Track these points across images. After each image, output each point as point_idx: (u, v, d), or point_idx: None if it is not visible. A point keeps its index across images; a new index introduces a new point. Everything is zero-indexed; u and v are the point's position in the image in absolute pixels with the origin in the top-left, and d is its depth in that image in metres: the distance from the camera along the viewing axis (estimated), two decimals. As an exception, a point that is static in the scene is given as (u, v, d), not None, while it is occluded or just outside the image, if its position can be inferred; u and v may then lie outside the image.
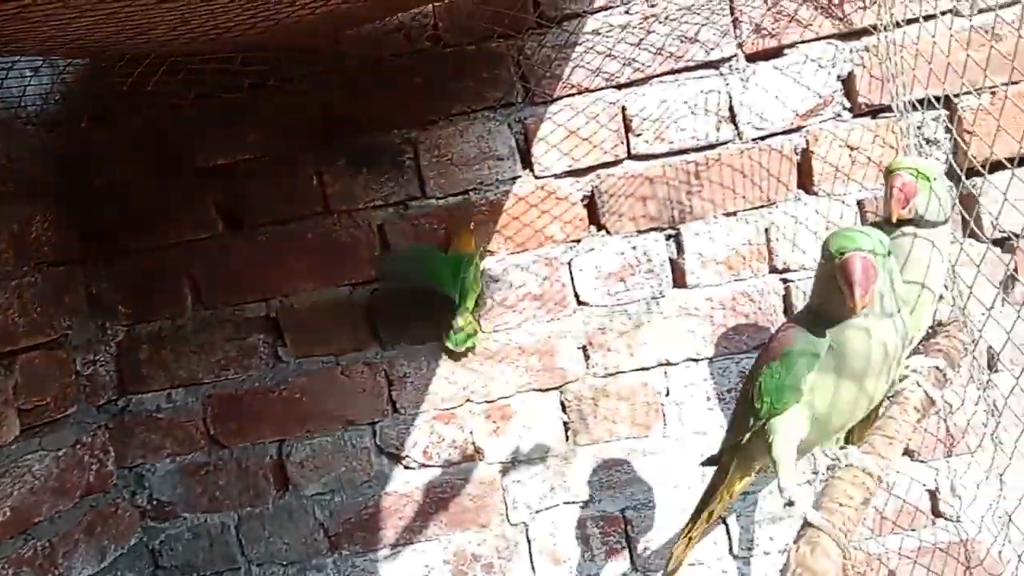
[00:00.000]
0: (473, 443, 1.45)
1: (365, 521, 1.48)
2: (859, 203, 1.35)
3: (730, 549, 1.43)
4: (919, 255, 0.99)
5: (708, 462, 1.15)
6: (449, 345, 1.39)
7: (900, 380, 1.04)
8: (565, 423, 1.44)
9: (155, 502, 1.51)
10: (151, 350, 1.48)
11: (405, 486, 1.47)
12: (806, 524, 0.81)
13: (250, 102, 1.40)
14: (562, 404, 1.44)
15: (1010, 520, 1.19)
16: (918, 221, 0.98)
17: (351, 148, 1.41)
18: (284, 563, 1.51)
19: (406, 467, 1.47)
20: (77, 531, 1.37)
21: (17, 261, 1.34)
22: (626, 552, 1.45)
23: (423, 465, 1.47)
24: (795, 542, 0.76)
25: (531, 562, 1.47)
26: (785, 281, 1.37)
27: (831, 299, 0.88)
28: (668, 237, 1.40)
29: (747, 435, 0.98)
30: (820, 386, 0.89)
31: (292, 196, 1.42)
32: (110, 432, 1.49)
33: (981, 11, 1.25)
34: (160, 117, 1.42)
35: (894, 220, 0.99)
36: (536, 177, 1.40)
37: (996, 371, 1.34)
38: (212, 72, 1.25)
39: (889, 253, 0.86)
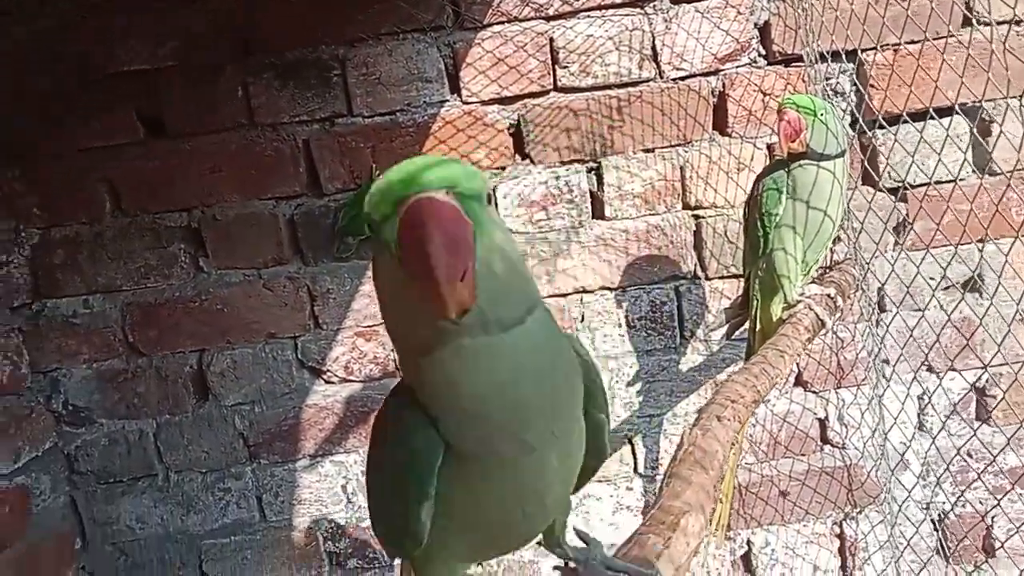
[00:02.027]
0: (394, 360, 1.50)
1: (285, 432, 1.52)
2: (769, 147, 1.41)
3: (635, 467, 1.52)
4: (818, 185, 1.06)
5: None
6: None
7: (795, 304, 1.12)
8: (483, 344, 1.49)
9: (71, 407, 1.51)
10: (67, 255, 1.46)
11: (325, 399, 1.51)
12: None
13: (172, 8, 1.38)
14: (480, 325, 1.48)
15: (886, 438, 1.30)
16: (811, 154, 1.04)
17: (277, 62, 1.40)
18: (203, 471, 1.53)
19: (327, 381, 1.51)
20: (-10, 432, 1.37)
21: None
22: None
23: (344, 380, 1.51)
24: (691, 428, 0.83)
25: (444, 475, 1.53)
26: (697, 217, 1.44)
27: (408, 315, 0.48)
28: (589, 170, 1.44)
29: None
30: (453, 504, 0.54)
31: (216, 106, 1.41)
32: (24, 335, 1.48)
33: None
34: (74, 17, 1.38)
35: (784, 154, 1.06)
36: (464, 102, 1.42)
37: (884, 310, 1.44)
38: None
39: (487, 200, 0.49)
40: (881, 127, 1.27)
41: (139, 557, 1.55)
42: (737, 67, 1.40)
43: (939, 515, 1.49)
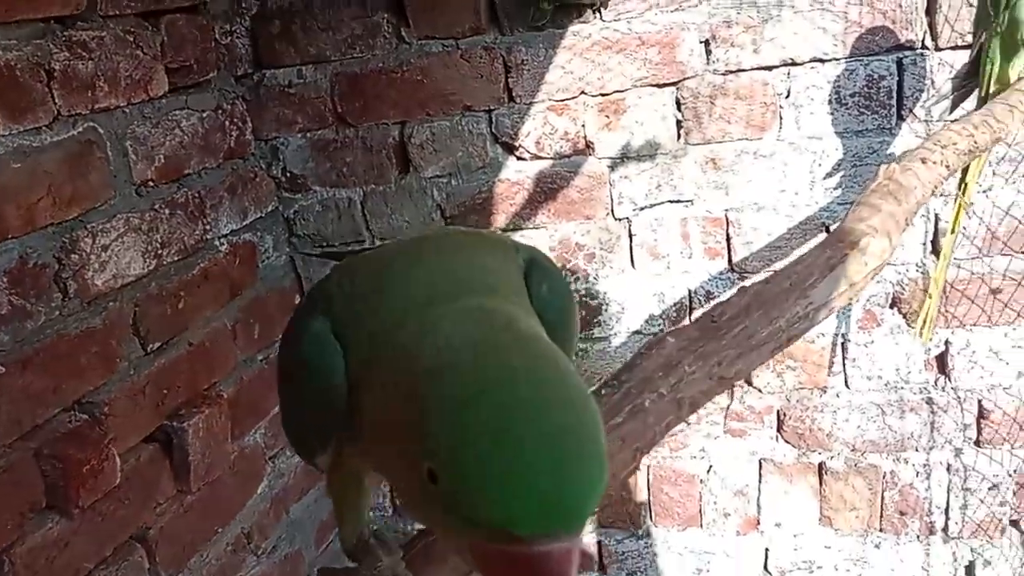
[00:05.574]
0: (585, 137, 1.49)
1: (478, 205, 1.57)
2: None
3: (829, 256, 1.45)
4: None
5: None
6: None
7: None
8: (678, 121, 1.44)
9: (289, 174, 1.63)
10: (283, 25, 1.54)
11: (517, 175, 1.54)
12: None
13: None
14: (677, 101, 1.43)
15: None
16: None
17: None
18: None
19: (518, 157, 1.53)
20: (221, 189, 1.51)
21: (157, -79, 1.38)
22: (725, 252, 1.50)
23: (535, 156, 1.52)
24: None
25: (631, 255, 1.54)
26: (934, -23, 1.28)
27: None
28: (811, -77, 1.30)
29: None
30: None
31: None
32: (247, 104, 1.59)
33: None
34: None
35: None
36: None
37: None
38: None
39: None
40: None
41: (349, 314, 1.71)
42: None
43: None
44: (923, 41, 1.31)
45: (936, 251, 1.39)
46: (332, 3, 1.50)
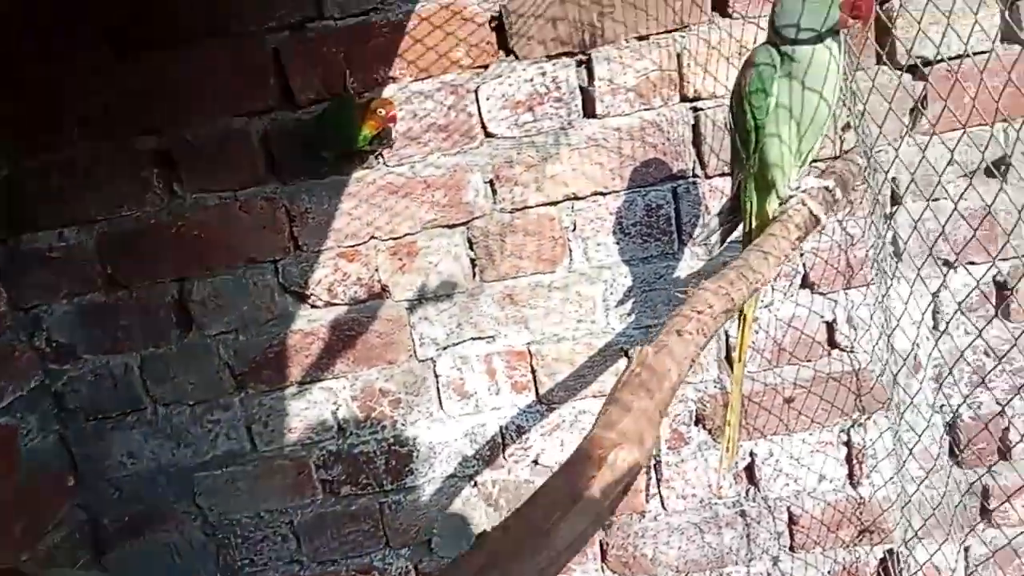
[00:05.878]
0: (379, 280, 1.43)
1: (271, 359, 1.47)
2: (770, 28, 1.31)
3: (633, 381, 1.46)
4: (815, 62, 0.96)
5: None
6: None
7: (787, 200, 1.04)
8: (472, 259, 1.42)
9: (54, 344, 1.47)
10: (40, 186, 1.40)
11: (311, 324, 1.46)
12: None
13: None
14: (469, 240, 1.42)
15: (889, 340, 1.23)
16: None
17: (240, -36, 1.31)
18: (191, 403, 1.49)
19: (312, 305, 1.45)
20: (-30, 372, 1.33)
21: None
22: (531, 386, 1.47)
23: (329, 303, 1.45)
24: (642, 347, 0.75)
25: (438, 397, 1.48)
26: (696, 110, 1.35)
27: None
28: (579, 63, 1.35)
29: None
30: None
31: (177, 16, 1.32)
32: (1, 274, 1.43)
33: None
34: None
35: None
36: (439, -2, 1.32)
37: (898, 202, 1.35)
38: None
39: None
40: None
41: (133, 492, 1.53)
42: (732, -55, 1.29)
43: (952, 418, 1.42)
44: (693, 170, 1.37)
45: (731, 365, 1.43)
46: (96, 161, 1.39)
